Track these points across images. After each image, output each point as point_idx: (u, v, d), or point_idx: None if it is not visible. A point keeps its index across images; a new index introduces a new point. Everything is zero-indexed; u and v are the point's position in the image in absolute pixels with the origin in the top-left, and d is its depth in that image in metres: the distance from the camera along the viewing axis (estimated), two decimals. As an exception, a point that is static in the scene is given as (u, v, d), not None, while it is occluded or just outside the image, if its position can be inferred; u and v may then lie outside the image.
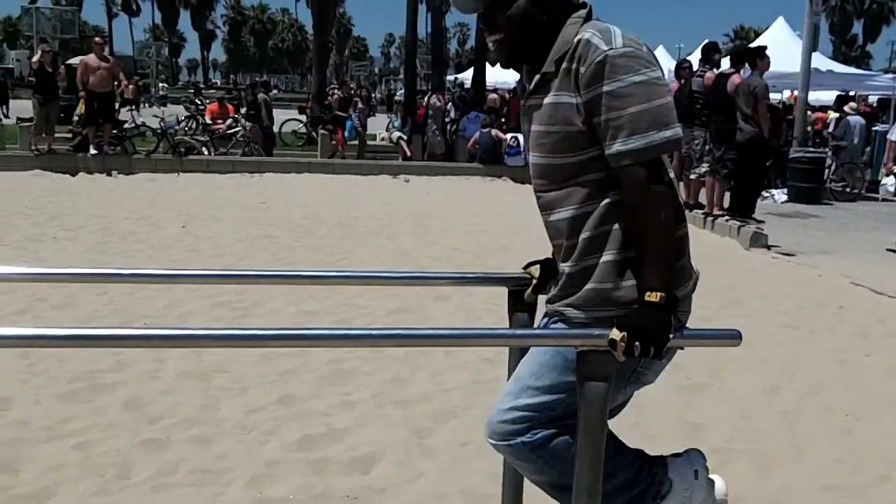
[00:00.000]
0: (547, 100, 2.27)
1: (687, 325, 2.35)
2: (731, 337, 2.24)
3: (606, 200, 2.25)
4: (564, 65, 2.21)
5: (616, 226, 2.24)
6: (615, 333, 2.10)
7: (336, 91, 25.27)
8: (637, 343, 2.08)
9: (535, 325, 2.61)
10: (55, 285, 6.96)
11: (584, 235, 2.27)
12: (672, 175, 2.29)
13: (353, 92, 25.74)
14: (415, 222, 11.69)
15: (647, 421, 4.73)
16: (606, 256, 2.24)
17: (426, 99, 20.83)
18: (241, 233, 10.30)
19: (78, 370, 5.21)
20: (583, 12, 2.30)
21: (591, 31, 2.20)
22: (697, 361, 5.79)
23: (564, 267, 2.34)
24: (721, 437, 4.67)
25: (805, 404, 5.24)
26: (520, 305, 2.72)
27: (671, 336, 2.14)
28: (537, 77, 2.31)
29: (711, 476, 2.68)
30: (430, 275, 2.92)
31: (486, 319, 6.49)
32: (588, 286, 2.26)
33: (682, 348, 2.41)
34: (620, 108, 2.13)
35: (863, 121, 17.93)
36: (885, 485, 4.19)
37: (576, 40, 2.20)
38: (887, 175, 13.75)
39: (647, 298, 2.13)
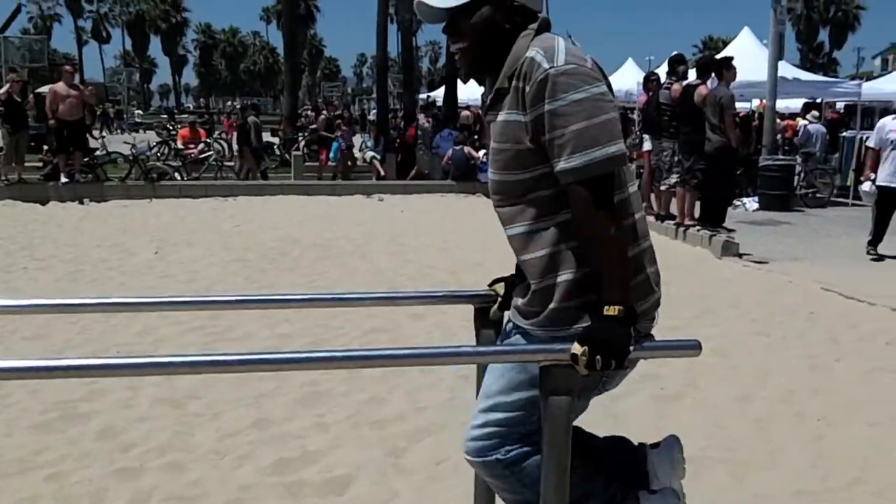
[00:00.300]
0: (500, 117, 2.30)
1: (652, 334, 2.37)
2: (691, 347, 2.26)
3: (560, 218, 2.27)
4: (514, 82, 2.24)
5: (573, 243, 2.26)
6: (576, 348, 2.12)
7: (322, 112, 25.16)
8: (598, 357, 2.10)
9: (502, 329, 2.62)
10: (27, 316, 6.92)
11: (541, 253, 2.29)
12: (631, 188, 2.31)
13: (337, 113, 25.68)
14: (389, 241, 11.70)
15: (622, 431, 4.73)
16: (564, 276, 2.26)
17: (417, 119, 20.97)
18: (214, 257, 10.27)
19: (51, 401, 5.18)
20: (535, 25, 2.32)
21: (535, 49, 2.22)
22: (672, 371, 5.83)
23: (529, 282, 2.36)
24: (695, 445, 4.69)
25: (777, 411, 5.28)
26: (486, 322, 2.74)
27: (631, 348, 2.16)
28: (493, 94, 2.35)
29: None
30: (398, 295, 2.94)
31: (460, 336, 6.49)
32: (551, 306, 2.27)
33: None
34: (563, 126, 2.15)
35: (823, 129, 18.15)
36: (856, 488, 4.23)
37: (523, 58, 2.23)
38: (864, 181, 13.88)
39: (605, 312, 2.15)
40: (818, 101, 20.86)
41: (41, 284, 8.66)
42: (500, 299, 2.68)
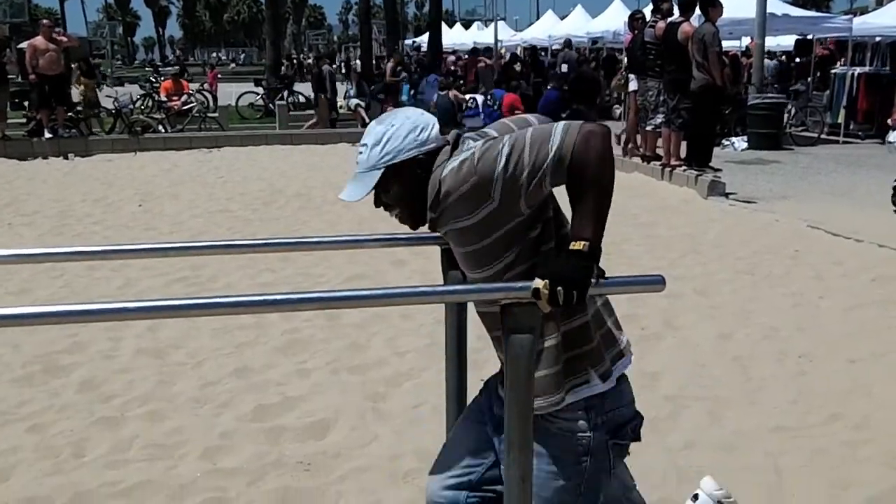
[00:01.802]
0: (456, 226, 2.27)
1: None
2: (655, 283, 2.24)
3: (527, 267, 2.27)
4: (450, 199, 2.22)
5: None
6: (537, 282, 2.09)
7: (389, 60, 24.55)
8: (560, 289, 2.08)
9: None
10: (11, 271, 6.91)
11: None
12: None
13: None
14: (373, 190, 11.64)
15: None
16: (549, 341, 2.27)
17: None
18: (198, 209, 10.23)
19: (32, 354, 5.19)
20: (447, 149, 2.32)
21: (450, 164, 2.23)
22: (653, 311, 5.84)
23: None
24: (675, 384, 4.73)
25: (759, 349, 5.31)
26: (453, 263, 2.72)
27: (593, 283, 2.14)
28: (428, 225, 2.37)
29: (703, 482, 2.76)
30: (363, 238, 2.90)
31: (440, 281, 6.48)
32: (538, 373, 2.26)
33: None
34: (520, 156, 2.14)
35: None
36: (835, 423, 4.26)
37: (441, 179, 2.23)
38: (893, 128, 13.75)
39: (571, 247, 2.13)
40: (809, 37, 20.66)
41: (26, 240, 8.63)
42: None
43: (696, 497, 2.73)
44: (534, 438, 2.24)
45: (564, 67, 20.13)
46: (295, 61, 32.43)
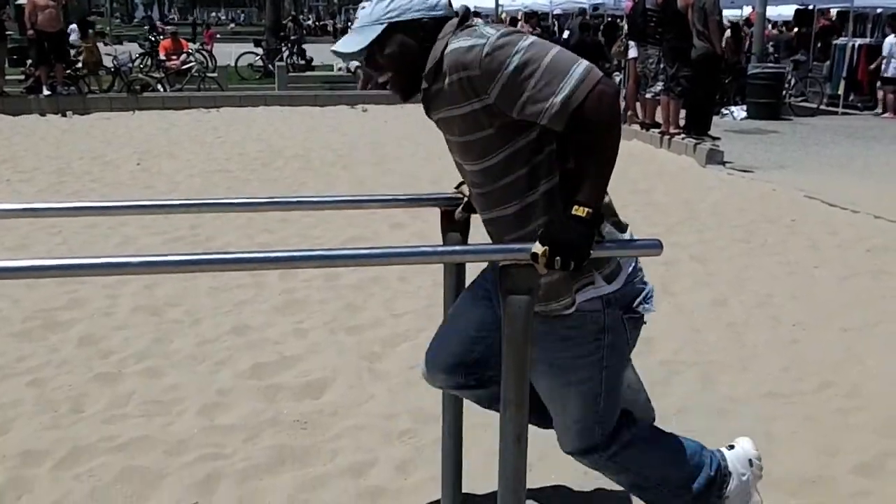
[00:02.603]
0: (449, 114, 2.26)
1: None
2: (653, 247, 2.26)
3: (542, 188, 2.26)
4: (448, 79, 2.18)
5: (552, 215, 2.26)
6: (537, 247, 2.11)
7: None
8: (558, 256, 2.10)
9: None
10: (8, 227, 6.92)
11: (531, 227, 2.28)
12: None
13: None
14: (372, 151, 11.64)
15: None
16: None
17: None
18: (196, 168, 10.22)
19: (32, 309, 5.21)
20: (454, 21, 2.28)
21: (458, 40, 2.18)
22: (649, 278, 5.81)
23: None
24: (669, 349, 4.76)
25: (753, 316, 5.34)
26: (452, 225, 2.74)
27: (592, 249, 2.16)
28: (421, 96, 2.32)
29: (742, 441, 2.83)
30: (363, 198, 2.92)
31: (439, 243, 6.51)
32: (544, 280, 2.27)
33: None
34: (532, 72, 2.09)
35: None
36: (827, 390, 4.29)
37: (446, 53, 2.18)
38: None
39: (573, 212, 2.14)
40: (811, 7, 20.56)
41: (24, 196, 8.62)
42: (465, 200, 2.68)
43: (731, 447, 2.80)
44: (549, 326, 2.32)
45: (566, 34, 20.02)
46: (294, 23, 32.10)
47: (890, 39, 16.63)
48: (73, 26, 22.01)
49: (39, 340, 4.78)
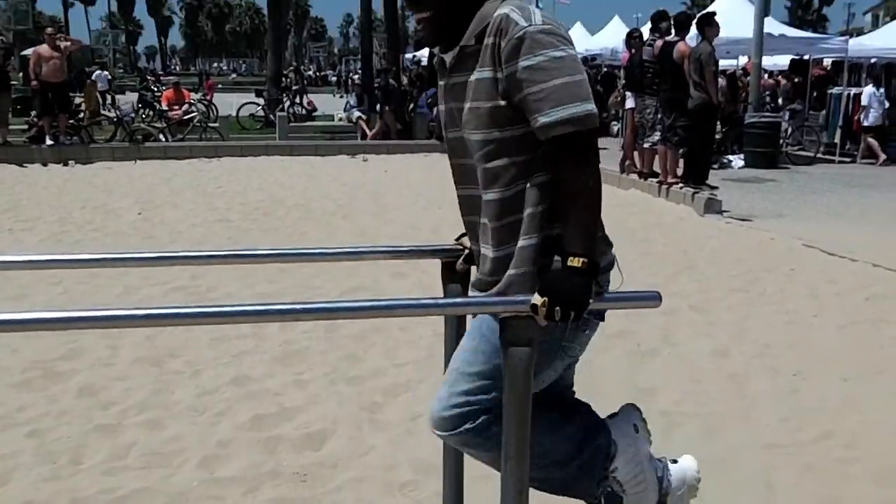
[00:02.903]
0: (472, 76, 2.28)
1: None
2: (651, 299, 2.28)
3: (532, 182, 2.27)
4: (486, 40, 2.22)
5: (539, 208, 2.26)
6: (536, 298, 2.13)
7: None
8: (557, 308, 2.12)
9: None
10: (9, 277, 6.92)
11: (509, 219, 2.29)
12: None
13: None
14: (372, 201, 11.70)
15: (598, 387, 4.78)
16: (525, 241, 2.27)
17: None
18: (197, 218, 10.27)
19: (32, 359, 5.21)
20: None
21: (510, 7, 2.21)
22: (649, 328, 5.88)
23: (487, 251, 2.37)
24: (670, 400, 4.76)
25: (753, 366, 5.34)
26: (453, 276, 2.76)
27: (591, 300, 2.18)
28: (456, 52, 2.32)
29: (684, 457, 2.75)
30: (365, 250, 2.95)
31: (440, 294, 6.52)
32: (510, 272, 2.29)
33: (597, 327, 2.44)
34: (542, 81, 2.14)
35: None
36: (827, 440, 4.29)
37: (495, 15, 2.22)
38: None
39: (569, 263, 2.16)
40: (805, 57, 20.79)
41: (26, 245, 8.66)
42: (466, 252, 2.70)
43: (675, 461, 2.76)
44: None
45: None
46: (296, 74, 32.47)
47: (868, 89, 16.92)
48: (103, 73, 22.32)
49: (39, 391, 4.77)
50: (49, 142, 15.87)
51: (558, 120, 2.14)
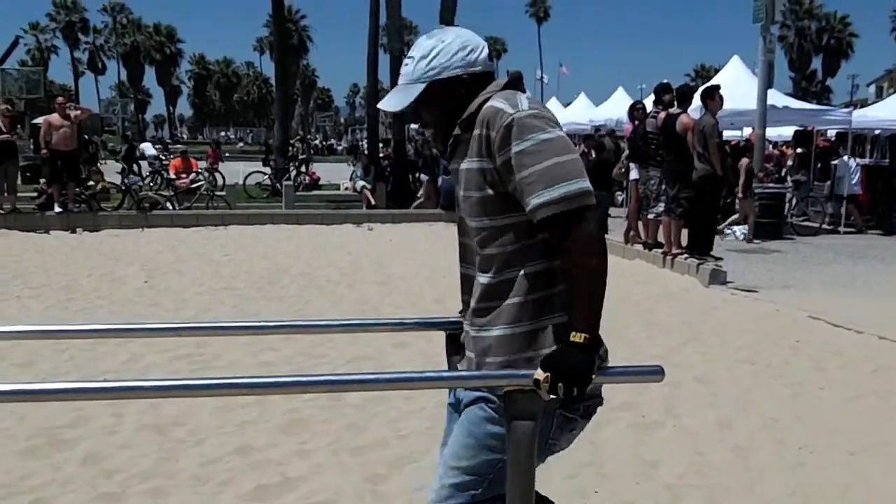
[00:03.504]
0: (463, 165, 2.36)
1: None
2: (654, 373, 2.30)
3: (524, 270, 2.32)
4: (474, 130, 2.30)
5: (530, 297, 2.32)
6: (539, 374, 2.15)
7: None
8: (560, 383, 2.14)
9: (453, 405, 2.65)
10: (16, 344, 6.94)
11: (492, 304, 2.36)
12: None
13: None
14: (377, 270, 11.74)
15: (601, 459, 4.79)
16: (505, 329, 2.33)
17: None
18: (203, 286, 10.31)
19: (37, 426, 5.21)
20: (501, 81, 2.39)
21: (497, 98, 2.30)
22: (653, 399, 5.86)
23: (468, 330, 2.44)
24: (674, 473, 4.73)
25: (759, 439, 5.31)
26: (456, 348, 2.78)
27: (594, 375, 2.20)
28: (451, 141, 2.41)
29: None
30: (369, 322, 2.98)
31: (442, 365, 6.52)
32: (487, 358, 2.36)
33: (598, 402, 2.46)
34: (532, 164, 2.20)
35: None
36: (835, 514, 4.26)
37: (484, 108, 2.30)
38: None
39: (571, 339, 2.19)
40: (809, 128, 21.01)
41: (32, 313, 8.69)
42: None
43: None
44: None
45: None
46: (303, 143, 32.81)
47: (843, 160, 17.14)
48: (148, 144, 22.63)
49: (44, 458, 4.77)
50: (58, 209, 16.02)
51: (550, 200, 2.18)
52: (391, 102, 2.41)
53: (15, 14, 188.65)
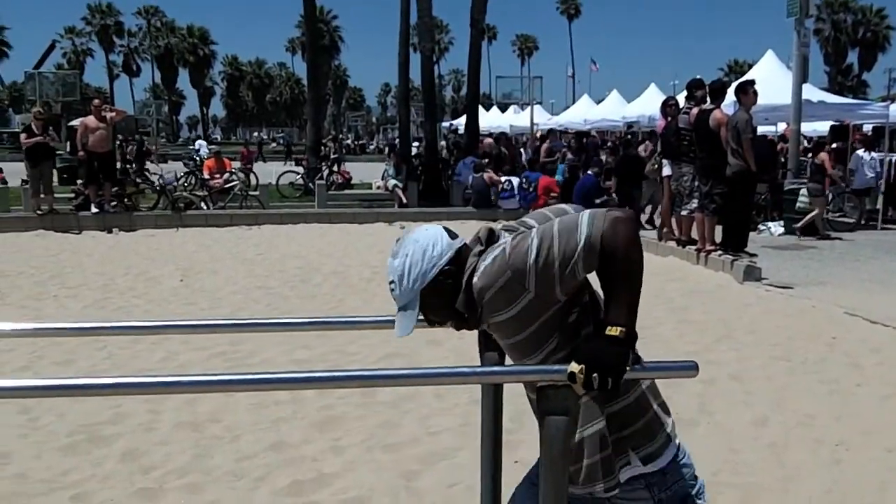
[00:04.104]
0: (502, 317, 2.35)
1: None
2: (688, 368, 2.29)
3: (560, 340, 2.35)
4: (486, 295, 2.32)
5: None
6: (573, 366, 2.15)
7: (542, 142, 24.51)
8: (595, 375, 2.14)
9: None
10: (55, 343, 7.06)
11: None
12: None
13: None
14: (410, 268, 11.74)
15: (635, 456, 4.77)
16: (590, 429, 2.33)
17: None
18: (237, 285, 10.40)
19: (77, 423, 5.30)
20: (478, 249, 2.42)
21: (483, 262, 2.34)
22: (687, 397, 5.83)
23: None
24: (708, 471, 4.69)
25: (794, 436, 5.27)
26: (490, 344, 2.79)
27: (628, 369, 2.20)
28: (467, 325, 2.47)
29: None
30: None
31: (477, 362, 6.53)
32: (585, 462, 2.34)
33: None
34: (550, 247, 2.23)
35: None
36: (871, 513, 4.22)
37: (472, 283, 2.34)
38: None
39: (607, 332, 2.19)
40: (845, 122, 20.73)
41: (70, 312, 8.82)
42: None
43: None
44: None
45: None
46: (335, 142, 32.98)
47: (857, 153, 16.91)
48: (203, 142, 22.82)
49: (84, 454, 4.86)
50: (94, 209, 16.23)
51: (589, 227, 2.20)
52: (402, 329, 2.46)
53: (50, 19, 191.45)
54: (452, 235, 2.47)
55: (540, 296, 2.26)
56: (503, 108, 41.43)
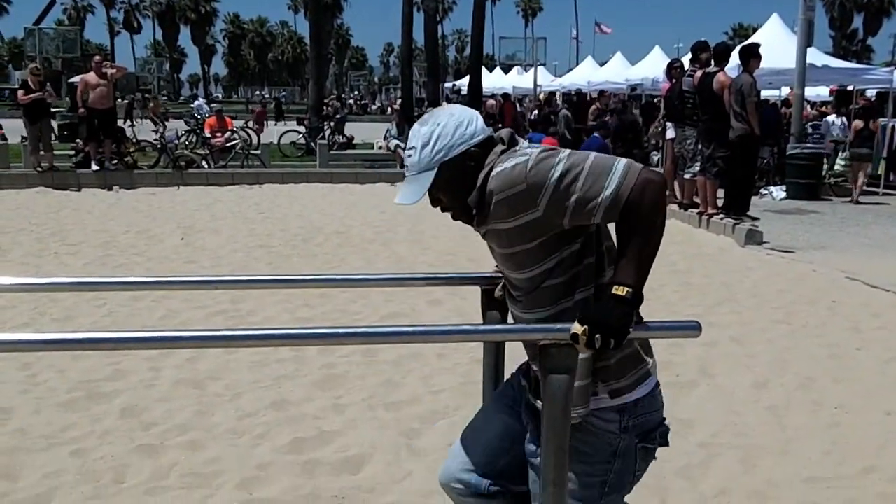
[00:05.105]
0: (499, 227, 2.32)
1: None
2: (691, 328, 2.29)
3: (576, 298, 2.31)
4: (497, 196, 2.26)
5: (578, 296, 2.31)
6: (576, 327, 2.14)
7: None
8: (598, 336, 2.13)
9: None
10: (55, 299, 7.07)
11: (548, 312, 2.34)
12: (607, 242, 2.36)
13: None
14: (410, 229, 11.75)
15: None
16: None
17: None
18: (238, 243, 10.39)
19: (77, 380, 5.31)
20: (499, 148, 2.36)
21: (502, 162, 2.27)
22: (688, 359, 5.85)
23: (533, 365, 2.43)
24: (708, 432, 4.73)
25: (794, 398, 5.29)
26: (492, 303, 2.79)
27: (631, 329, 2.19)
28: (475, 221, 2.39)
29: None
30: (406, 276, 2.99)
31: (477, 321, 6.53)
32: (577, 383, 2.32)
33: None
34: (575, 178, 2.17)
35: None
36: (870, 475, 4.24)
37: (489, 177, 2.28)
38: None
39: (614, 292, 2.17)
40: (850, 88, 20.61)
41: (70, 269, 8.81)
42: (504, 280, 2.72)
43: None
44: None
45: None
46: (337, 102, 32.83)
47: (826, 119, 16.96)
48: (202, 101, 22.70)
49: (83, 411, 4.87)
50: (95, 167, 16.17)
51: (620, 180, 2.15)
52: (407, 196, 2.38)
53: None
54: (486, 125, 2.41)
55: (546, 217, 2.22)
56: (506, 70, 41.24)
